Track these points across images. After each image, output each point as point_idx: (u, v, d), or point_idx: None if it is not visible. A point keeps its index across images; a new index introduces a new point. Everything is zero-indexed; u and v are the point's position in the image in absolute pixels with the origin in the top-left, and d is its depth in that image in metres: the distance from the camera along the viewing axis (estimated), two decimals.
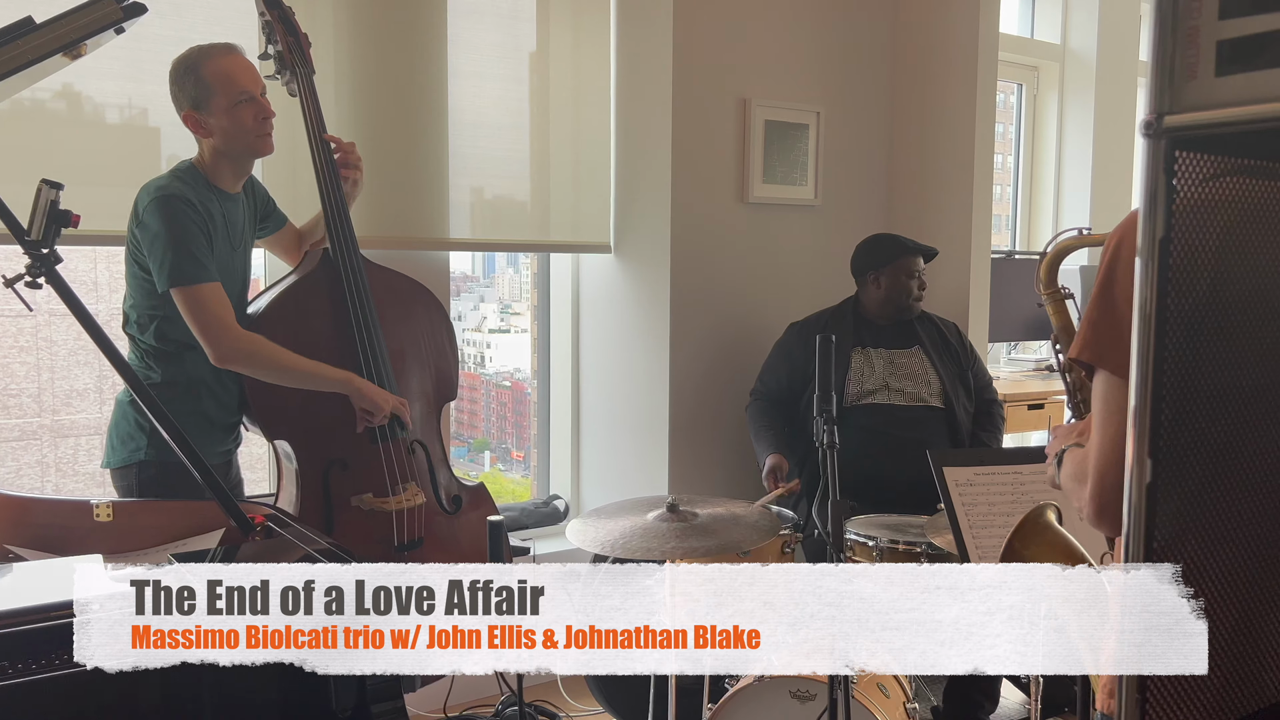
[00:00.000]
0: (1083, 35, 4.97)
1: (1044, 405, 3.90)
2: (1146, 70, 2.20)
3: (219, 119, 2.25)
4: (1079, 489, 1.27)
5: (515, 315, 4.18)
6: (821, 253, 3.65)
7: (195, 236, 2.18)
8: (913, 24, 3.70)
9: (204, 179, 2.28)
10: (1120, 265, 1.22)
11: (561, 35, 3.37)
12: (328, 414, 2.40)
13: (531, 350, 4.03)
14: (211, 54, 2.26)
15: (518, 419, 4.12)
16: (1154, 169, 0.76)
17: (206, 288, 2.19)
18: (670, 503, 2.51)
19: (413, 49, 3.05)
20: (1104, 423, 1.22)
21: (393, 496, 2.45)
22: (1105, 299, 1.23)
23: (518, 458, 4.16)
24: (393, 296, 2.58)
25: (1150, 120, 0.76)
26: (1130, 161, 5.19)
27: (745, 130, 3.43)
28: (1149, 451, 0.77)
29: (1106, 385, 1.23)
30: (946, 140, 3.64)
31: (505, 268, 4.22)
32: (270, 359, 2.26)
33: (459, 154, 3.17)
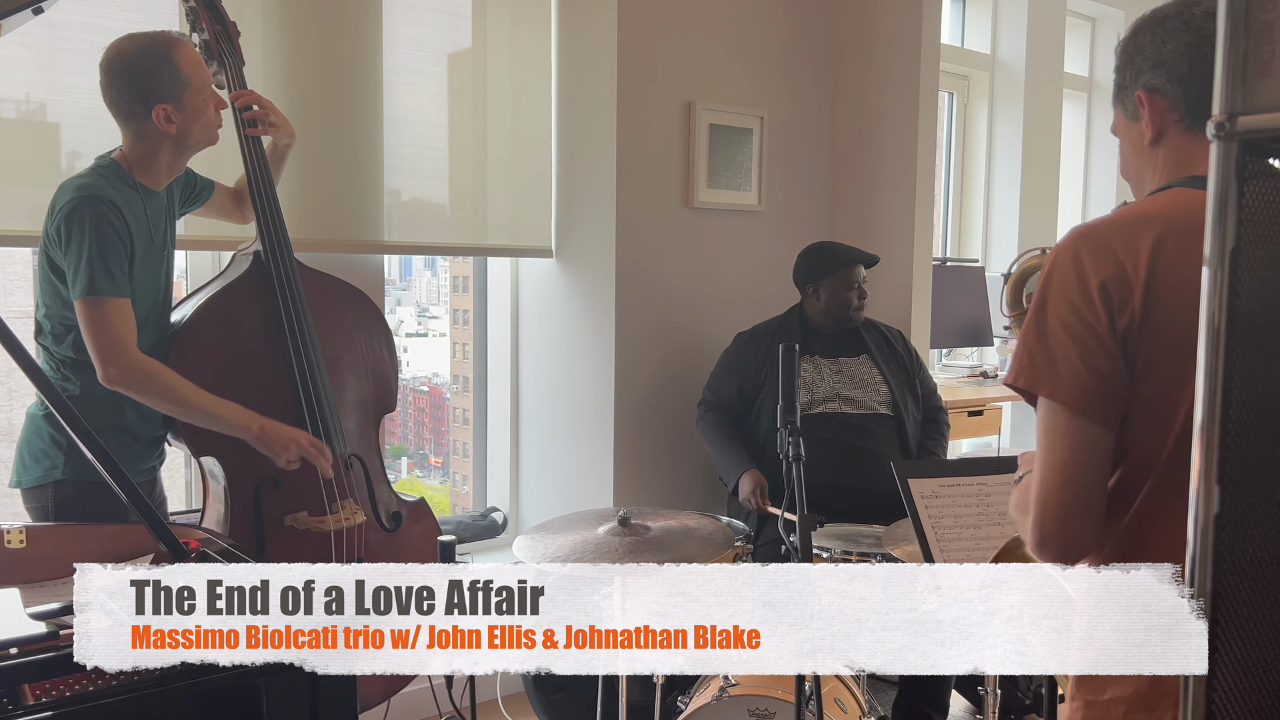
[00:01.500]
0: (1011, 46, 5.05)
1: (983, 412, 3.92)
2: (1073, 82, 2.16)
3: (190, 111, 2.10)
4: (1022, 519, 1.23)
5: (433, 319, 4.06)
6: (766, 259, 3.61)
7: (114, 245, 2.01)
8: (854, 31, 3.69)
9: (129, 177, 2.12)
10: (1053, 286, 1.18)
11: (499, 33, 3.26)
12: None
13: (450, 355, 3.93)
14: (178, 42, 2.11)
15: (436, 425, 4.01)
16: (1224, 174, 0.70)
17: (114, 304, 2.02)
18: (622, 516, 2.43)
19: (346, 43, 2.91)
20: (1044, 449, 1.18)
21: (330, 515, 2.32)
22: (1039, 322, 1.18)
23: (436, 464, 4.05)
24: (328, 302, 2.44)
25: (1221, 121, 0.70)
26: (1058, 170, 5.29)
27: (690, 134, 3.37)
28: (1216, 478, 0.71)
29: (1046, 411, 1.18)
30: (888, 147, 3.63)
31: (423, 270, 4.10)
32: (166, 390, 2.07)
33: (393, 154, 3.04)
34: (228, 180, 2.51)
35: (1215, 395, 0.72)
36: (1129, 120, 1.31)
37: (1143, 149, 1.29)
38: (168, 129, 2.09)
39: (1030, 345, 1.19)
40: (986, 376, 4.56)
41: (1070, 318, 1.15)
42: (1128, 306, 1.14)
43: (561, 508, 3.40)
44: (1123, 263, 1.15)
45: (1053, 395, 1.17)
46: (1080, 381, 1.14)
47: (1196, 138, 1.23)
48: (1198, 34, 1.21)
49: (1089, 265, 1.16)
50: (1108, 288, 1.14)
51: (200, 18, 2.31)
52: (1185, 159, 1.24)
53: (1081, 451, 1.15)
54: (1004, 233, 5.12)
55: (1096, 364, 1.14)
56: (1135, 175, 1.33)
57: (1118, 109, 1.34)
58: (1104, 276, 1.15)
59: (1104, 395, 1.15)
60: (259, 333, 2.30)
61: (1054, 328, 1.17)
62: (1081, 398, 1.15)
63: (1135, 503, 1.18)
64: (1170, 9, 1.25)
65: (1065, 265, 1.18)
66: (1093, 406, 1.15)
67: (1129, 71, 1.29)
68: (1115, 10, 5.46)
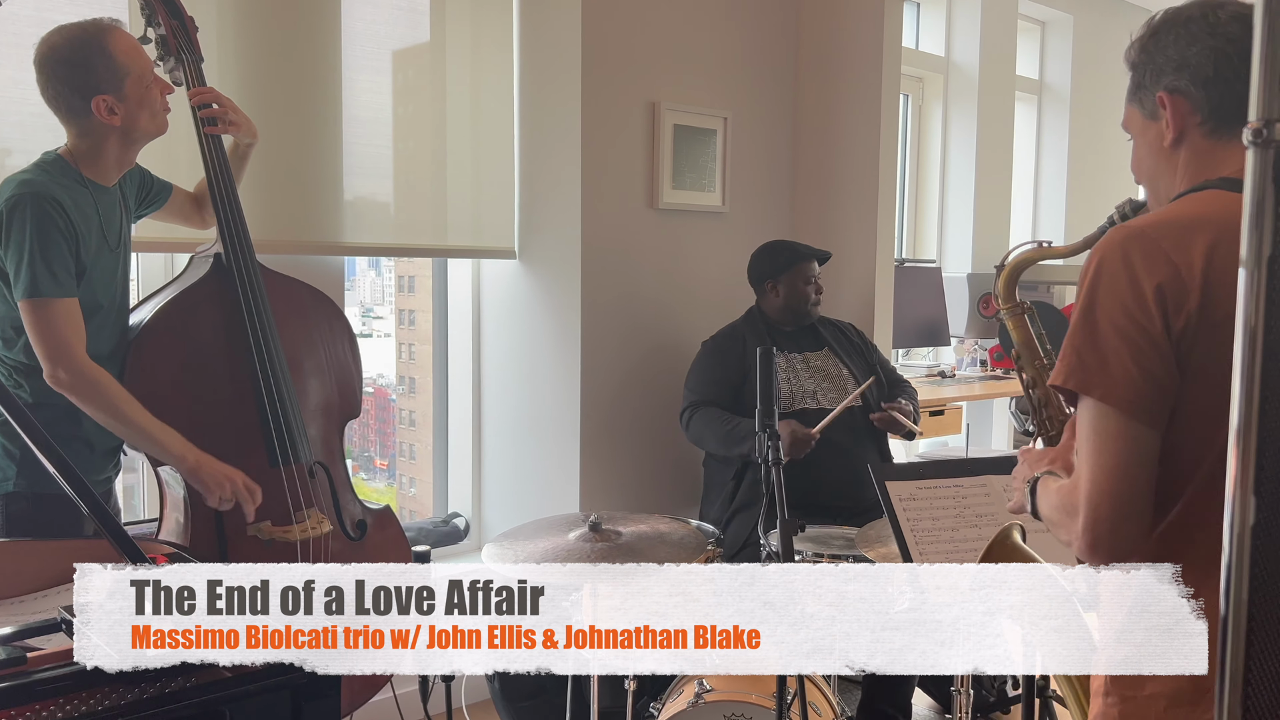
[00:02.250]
0: (965, 48, 5.10)
1: (944, 412, 3.95)
2: (1025, 85, 2.18)
3: (133, 100, 2.02)
4: (1068, 522, 1.21)
5: (377, 319, 3.99)
6: (731, 259, 3.60)
7: (57, 244, 1.93)
8: (816, 35, 3.70)
9: (76, 172, 2.03)
10: (1102, 287, 1.17)
11: (459, 31, 3.21)
12: (221, 436, 2.18)
13: (396, 356, 3.87)
14: (113, 30, 2.03)
15: (381, 426, 3.95)
16: (1261, 180, 0.69)
17: (60, 304, 1.94)
18: (592, 521, 2.40)
19: (304, 40, 2.84)
20: (1096, 452, 1.17)
21: (295, 525, 2.25)
22: (1088, 323, 1.18)
23: (381, 466, 3.99)
24: (291, 305, 2.37)
25: (1258, 128, 0.69)
26: (1010, 171, 5.36)
27: (655, 134, 3.34)
28: (1254, 488, 0.70)
29: (1094, 413, 1.17)
30: (850, 149, 3.64)
31: (366, 270, 4.03)
32: (109, 402, 1.99)
33: (352, 154, 2.97)
34: (188, 183, 2.44)
35: (1251, 404, 0.71)
36: (1146, 119, 1.31)
37: (1161, 149, 1.29)
38: (111, 121, 2.01)
39: (1079, 347, 1.18)
40: (945, 376, 4.60)
41: (1122, 319, 1.15)
42: (1183, 309, 1.14)
43: (526, 513, 3.36)
44: (1176, 265, 1.14)
45: (1105, 398, 1.16)
46: (1133, 384, 1.14)
47: (1219, 141, 1.23)
48: (1223, 38, 1.21)
49: (1140, 267, 1.15)
50: (1163, 290, 1.14)
51: (156, 12, 2.23)
52: (1209, 161, 1.24)
53: (1134, 454, 1.15)
54: (959, 233, 5.18)
55: (1149, 366, 1.14)
56: (1150, 174, 1.33)
57: (1133, 107, 1.33)
58: (1159, 279, 1.14)
59: (1155, 397, 1.15)
60: (220, 337, 2.23)
61: (1105, 329, 1.16)
62: (1134, 400, 1.14)
63: (1179, 504, 1.18)
64: (1194, 9, 1.25)
65: (1115, 266, 1.17)
66: (1145, 409, 1.15)
67: (1149, 71, 1.29)
68: (1064, 14, 5.54)
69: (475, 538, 3.58)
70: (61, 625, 1.41)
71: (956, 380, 4.57)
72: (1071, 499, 1.21)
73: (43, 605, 1.55)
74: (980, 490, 2.06)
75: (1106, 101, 5.82)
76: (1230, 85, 1.21)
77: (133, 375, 2.11)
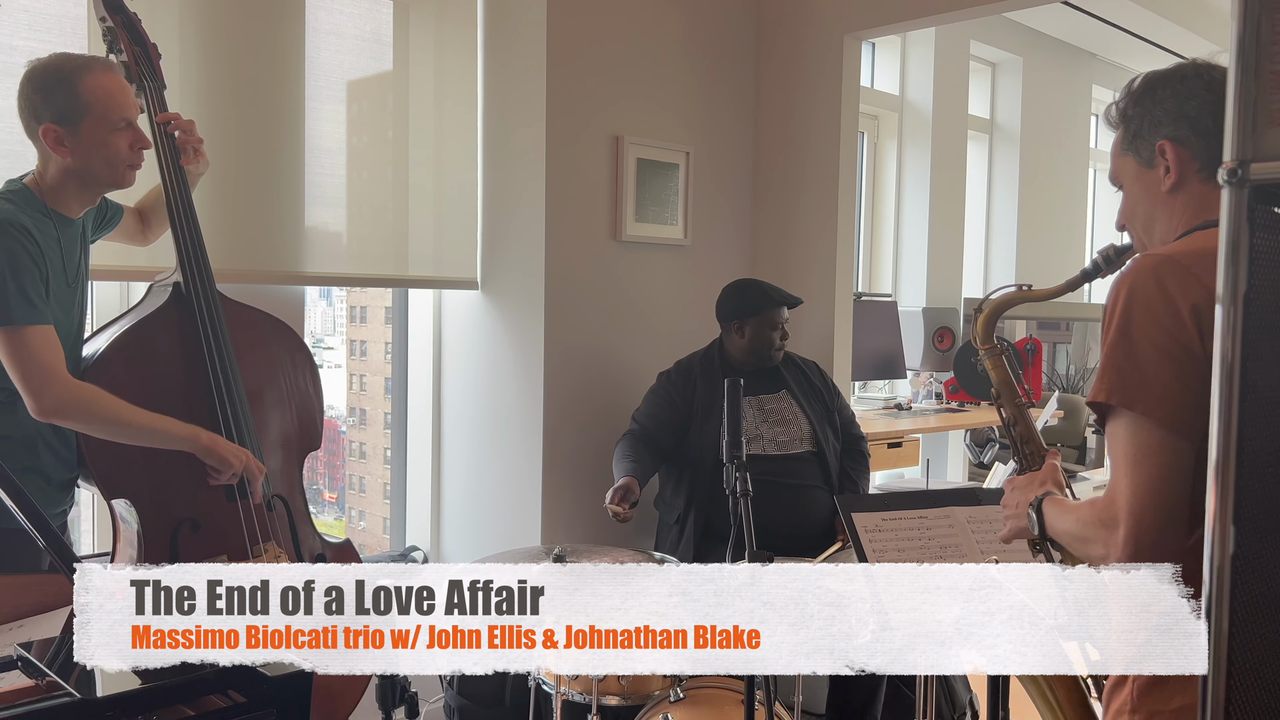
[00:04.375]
0: (919, 87, 5.21)
1: (902, 444, 3.99)
2: (977, 124, 2.25)
3: (88, 141, 1.98)
4: (1105, 535, 1.25)
5: (328, 350, 3.95)
6: (693, 292, 3.62)
7: (28, 270, 1.89)
8: (775, 72, 3.76)
9: (40, 203, 1.99)
10: (1138, 309, 1.23)
11: (422, 62, 3.21)
12: (176, 468, 2.14)
13: (346, 387, 3.83)
14: (91, 67, 1.99)
15: (330, 458, 3.90)
16: (1236, 219, 0.72)
17: (37, 331, 1.90)
18: (556, 554, 2.39)
19: (266, 69, 2.83)
20: (1135, 465, 1.22)
21: (252, 559, 2.21)
22: (1126, 342, 1.23)
23: (330, 499, 3.93)
24: (252, 336, 2.34)
25: (1233, 168, 0.72)
26: (963, 207, 5.47)
27: (618, 167, 3.36)
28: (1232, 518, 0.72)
29: (1135, 428, 1.22)
30: (809, 185, 3.69)
31: (317, 300, 3.99)
32: (107, 413, 1.97)
33: (313, 183, 2.95)
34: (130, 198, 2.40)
35: (1230, 435, 0.73)
36: (1141, 166, 1.40)
37: (1159, 194, 1.38)
38: (59, 153, 1.98)
39: (1120, 365, 1.23)
40: (901, 409, 4.65)
41: (1161, 337, 1.20)
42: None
43: (486, 546, 3.32)
44: (1209, 288, 1.20)
45: (1148, 412, 1.21)
46: (1173, 398, 1.19)
47: (1215, 187, 1.30)
48: (1219, 94, 1.29)
49: (1175, 289, 1.21)
50: (1200, 311, 1.19)
51: (119, 39, 2.20)
52: (1206, 204, 1.33)
53: (1176, 466, 1.20)
54: (914, 267, 5.26)
55: (1189, 381, 1.18)
56: (1145, 218, 1.41)
57: (1128, 156, 1.42)
58: (1194, 300, 1.20)
59: (1193, 412, 1.18)
60: (178, 367, 2.19)
61: (1143, 347, 1.21)
62: (1174, 414, 1.19)
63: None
64: (1189, 69, 1.36)
65: (1150, 289, 1.23)
66: (1186, 422, 1.19)
67: (1146, 121, 1.38)
68: (1014, 56, 5.69)
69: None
70: (17, 663, 1.37)
71: (912, 413, 4.62)
72: (1109, 512, 1.25)
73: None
74: (945, 521, 2.08)
75: (1054, 141, 5.98)
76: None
77: None
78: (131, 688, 1.30)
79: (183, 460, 2.15)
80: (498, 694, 2.94)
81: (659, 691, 2.45)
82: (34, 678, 1.32)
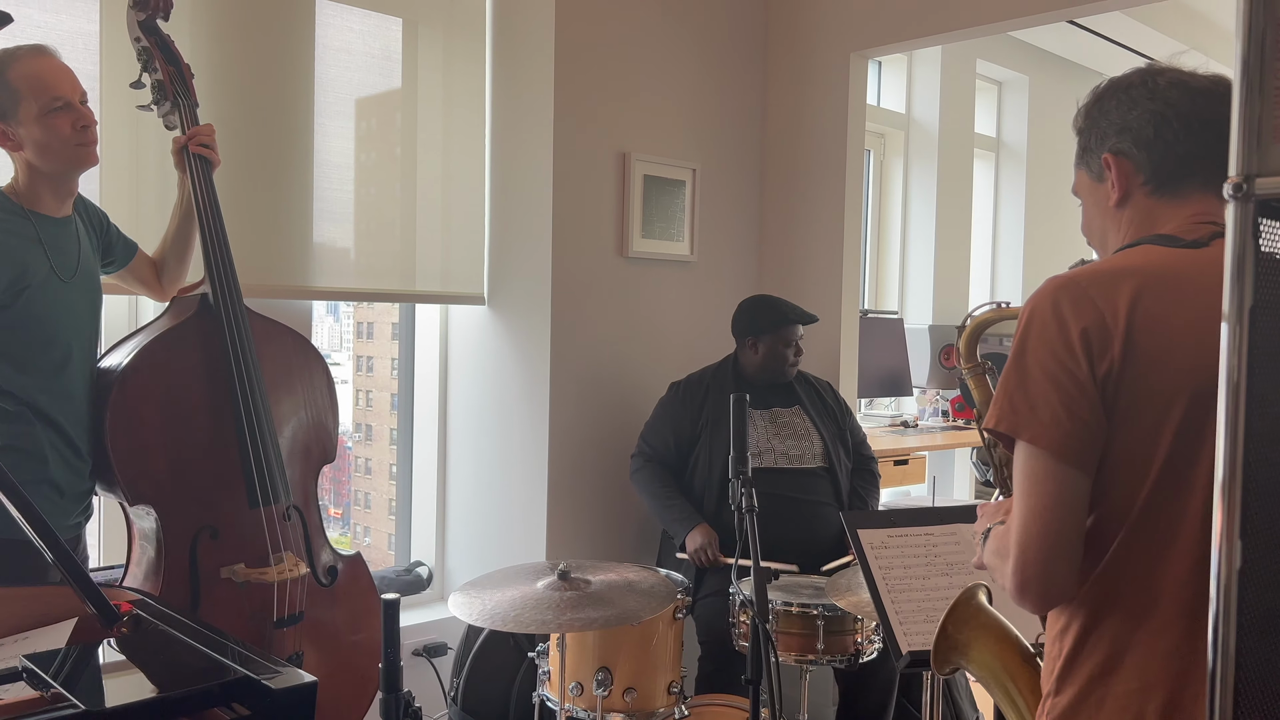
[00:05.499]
0: (925, 106, 5.23)
1: (908, 461, 3.99)
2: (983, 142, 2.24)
3: (29, 129, 1.98)
4: (1002, 564, 1.23)
5: (335, 365, 3.97)
6: (698, 309, 3.63)
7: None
8: (783, 89, 3.77)
9: (16, 206, 2.01)
10: (1033, 334, 1.20)
11: (430, 80, 3.24)
12: (200, 475, 2.17)
13: (353, 403, 3.83)
14: (18, 56, 1.99)
15: (336, 474, 3.90)
16: (1241, 234, 0.72)
17: None
18: (561, 569, 2.38)
19: (277, 85, 2.85)
20: (1025, 494, 1.19)
21: (272, 567, 2.21)
22: (1019, 368, 1.20)
23: (335, 515, 3.93)
24: (275, 349, 2.37)
25: (1238, 183, 0.72)
26: (969, 225, 5.47)
27: (625, 184, 3.38)
28: (1239, 532, 0.72)
29: (1025, 456, 1.20)
30: (816, 203, 3.70)
31: (324, 316, 4.01)
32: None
33: (322, 198, 2.97)
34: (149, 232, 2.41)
35: (1236, 449, 0.73)
36: (1094, 181, 1.36)
37: (1108, 209, 1.33)
38: (9, 148, 2.00)
39: (1011, 391, 1.20)
40: (907, 426, 4.64)
41: (1051, 364, 1.17)
42: (1107, 354, 1.16)
43: (491, 561, 3.32)
44: (1102, 311, 1.17)
45: (1035, 440, 1.18)
46: (1061, 427, 1.16)
47: (1160, 200, 1.28)
48: (1162, 101, 1.26)
49: (1069, 313, 1.18)
50: (1089, 335, 1.16)
51: (154, 58, 2.24)
52: (1150, 219, 1.29)
53: (1062, 496, 1.16)
54: (920, 285, 5.27)
55: (1077, 410, 1.16)
56: (1100, 233, 1.37)
57: (1081, 170, 1.38)
58: (1084, 324, 1.17)
59: (1084, 440, 1.16)
60: (204, 377, 2.22)
61: (1034, 374, 1.18)
62: (1063, 443, 1.16)
63: (1110, 548, 1.20)
64: (1135, 77, 1.31)
65: (1045, 313, 1.20)
66: (1073, 451, 1.16)
67: (1094, 135, 1.34)
68: (1020, 75, 5.71)
69: (439, 587, 3.53)
70: (23, 674, 1.37)
71: (919, 430, 4.62)
72: (1003, 541, 1.24)
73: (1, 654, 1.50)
74: (950, 539, 2.08)
75: (1061, 159, 5.98)
76: (1170, 147, 1.26)
77: (117, 413, 2.08)
78: (136, 699, 1.30)
79: (206, 468, 2.17)
80: (501, 711, 2.93)
81: (664, 709, 2.44)
82: (39, 689, 1.32)
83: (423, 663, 3.16)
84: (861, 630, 2.47)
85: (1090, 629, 1.22)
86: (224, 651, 1.46)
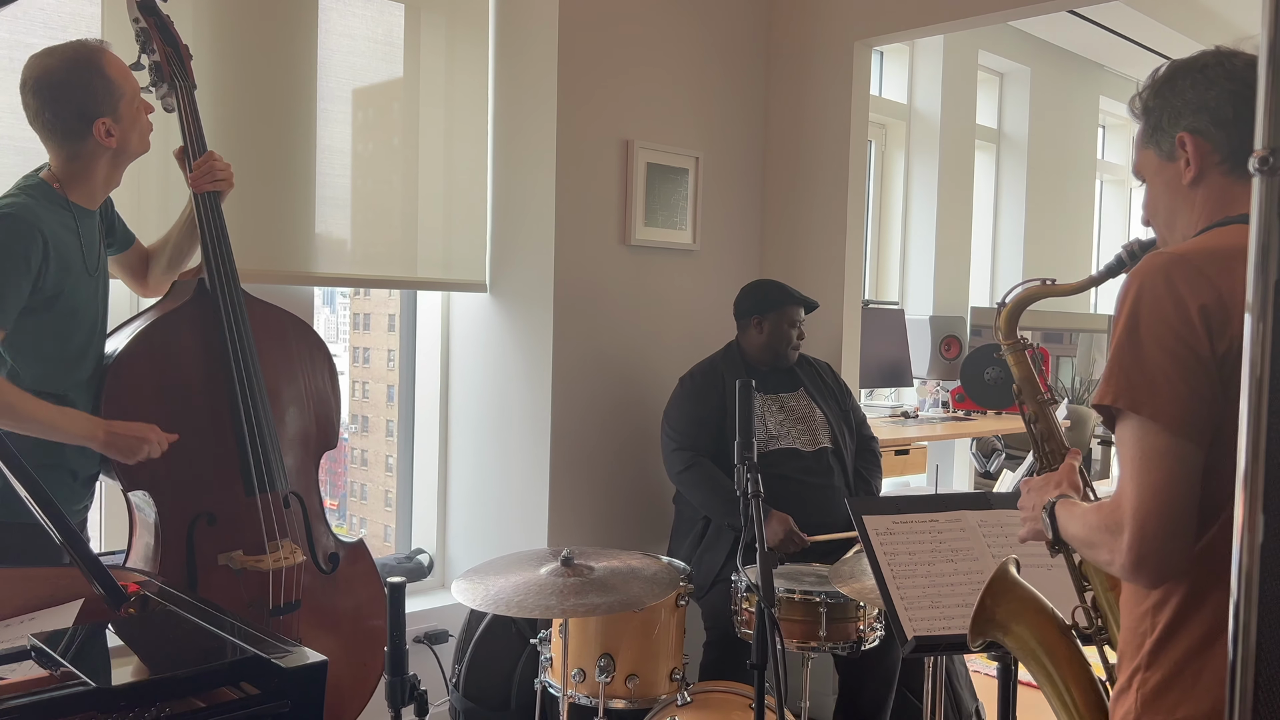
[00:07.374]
0: (927, 97, 5.22)
1: (909, 451, 3.99)
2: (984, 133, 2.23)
3: (128, 121, 2.02)
4: (1110, 540, 1.22)
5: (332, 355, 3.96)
6: (701, 297, 3.62)
7: (15, 274, 1.88)
8: (786, 79, 3.76)
9: (61, 197, 2.00)
10: (1146, 309, 1.20)
11: (433, 66, 3.22)
12: (197, 462, 2.16)
13: (349, 394, 3.83)
14: (105, 52, 2.01)
15: (332, 465, 3.91)
16: (1267, 208, 0.72)
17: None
18: (565, 556, 2.38)
19: (280, 71, 2.84)
20: (1142, 470, 1.19)
21: (269, 554, 2.21)
22: (1133, 343, 1.20)
23: (331, 506, 3.94)
24: (273, 333, 2.35)
25: (1265, 156, 0.72)
26: (970, 216, 5.47)
27: (628, 172, 3.37)
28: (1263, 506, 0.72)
29: (1142, 431, 1.19)
30: (818, 192, 3.69)
31: (321, 307, 4.00)
32: (5, 404, 1.88)
33: (325, 184, 2.96)
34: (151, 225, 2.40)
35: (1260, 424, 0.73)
36: (1162, 160, 1.35)
37: (1179, 188, 1.33)
38: (109, 143, 2.00)
39: (1126, 367, 1.20)
40: (908, 416, 4.65)
41: (1170, 339, 1.18)
42: (1226, 332, 1.16)
43: (492, 549, 3.32)
44: (1219, 289, 1.17)
45: (1155, 416, 1.18)
46: (1181, 402, 1.17)
47: (1237, 180, 1.28)
48: (1241, 82, 1.27)
49: (1184, 289, 1.18)
50: (1208, 311, 1.17)
51: (152, 39, 2.22)
52: (1227, 199, 1.29)
53: (1182, 471, 1.17)
54: (921, 276, 5.27)
55: (1197, 385, 1.16)
56: (1167, 213, 1.37)
57: (1149, 149, 1.37)
58: (1203, 301, 1.17)
59: (1203, 416, 1.17)
60: (201, 362, 2.20)
61: (1150, 349, 1.18)
62: (1183, 418, 1.17)
63: (1218, 523, 1.20)
64: (1209, 58, 1.31)
65: (1158, 289, 1.20)
66: (1193, 427, 1.17)
67: (1166, 114, 1.33)
68: (1022, 66, 5.71)
69: (440, 574, 3.53)
70: (31, 653, 1.37)
71: (919, 421, 4.62)
72: (1114, 517, 1.22)
73: (10, 633, 1.50)
74: (955, 525, 2.07)
75: (1061, 150, 5.98)
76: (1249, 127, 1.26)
77: (112, 398, 2.07)
78: (145, 678, 1.30)
79: (203, 454, 2.16)
80: (503, 697, 2.94)
81: (666, 695, 2.45)
82: (48, 668, 1.32)
83: (424, 650, 3.16)
84: (864, 617, 2.47)
85: (1191, 604, 1.22)
86: (232, 631, 1.46)
